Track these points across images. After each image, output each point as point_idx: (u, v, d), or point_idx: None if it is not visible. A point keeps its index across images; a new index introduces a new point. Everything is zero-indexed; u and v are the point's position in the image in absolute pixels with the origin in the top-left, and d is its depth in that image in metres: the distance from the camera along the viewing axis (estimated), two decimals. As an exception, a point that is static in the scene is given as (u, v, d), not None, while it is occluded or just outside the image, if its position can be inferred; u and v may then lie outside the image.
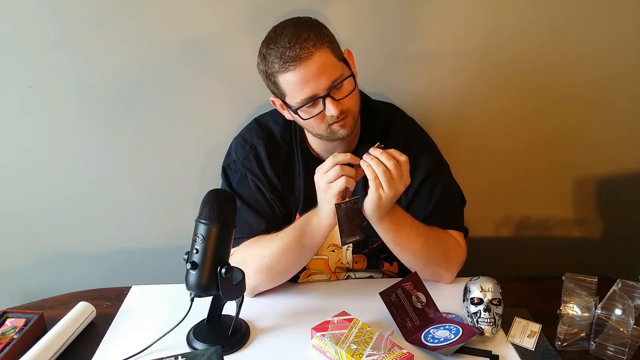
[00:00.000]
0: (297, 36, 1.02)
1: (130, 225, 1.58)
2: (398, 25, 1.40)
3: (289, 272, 1.18)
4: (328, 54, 1.04)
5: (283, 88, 1.06)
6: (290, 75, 1.03)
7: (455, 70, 1.46)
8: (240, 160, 1.23)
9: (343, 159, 1.02)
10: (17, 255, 1.59)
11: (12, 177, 1.50)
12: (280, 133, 1.23)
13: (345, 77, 1.06)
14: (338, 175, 1.00)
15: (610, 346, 1.02)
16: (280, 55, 1.02)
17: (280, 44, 1.03)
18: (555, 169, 1.58)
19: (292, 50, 1.01)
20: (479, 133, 1.53)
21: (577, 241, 1.67)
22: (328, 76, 1.03)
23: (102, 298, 1.23)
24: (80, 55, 1.38)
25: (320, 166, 1.04)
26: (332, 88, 1.04)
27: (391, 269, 1.31)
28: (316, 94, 1.04)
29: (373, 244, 1.25)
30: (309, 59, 1.01)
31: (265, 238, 1.16)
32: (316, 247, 1.14)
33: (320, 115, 1.07)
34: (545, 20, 1.41)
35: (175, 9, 1.35)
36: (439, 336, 1.05)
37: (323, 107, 1.05)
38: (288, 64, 1.02)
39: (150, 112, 1.46)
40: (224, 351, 0.99)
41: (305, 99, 1.05)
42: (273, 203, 1.22)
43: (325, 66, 1.03)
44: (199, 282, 0.99)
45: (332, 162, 1.02)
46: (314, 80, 1.02)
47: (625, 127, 1.53)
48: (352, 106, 1.09)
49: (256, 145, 1.22)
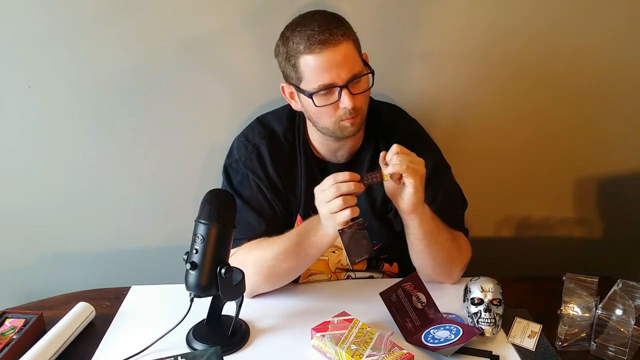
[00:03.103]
0: (327, 22, 1.04)
1: (130, 225, 1.58)
2: (399, 25, 1.39)
3: (289, 276, 1.18)
4: (353, 47, 1.06)
5: (302, 71, 1.06)
6: (315, 58, 1.03)
7: (456, 71, 1.45)
8: (242, 160, 1.22)
9: (342, 179, 1.00)
10: (17, 255, 1.59)
11: (11, 177, 1.50)
12: (283, 133, 1.23)
13: (365, 73, 1.07)
14: (341, 207, 0.99)
15: (610, 346, 1.02)
16: (309, 37, 1.03)
17: (309, 27, 1.04)
18: (555, 168, 1.58)
19: (321, 34, 1.03)
20: (479, 133, 1.53)
21: (578, 241, 1.66)
22: (350, 68, 1.04)
23: (102, 298, 1.23)
24: (80, 55, 1.38)
25: (320, 186, 1.02)
26: (351, 80, 1.05)
27: (391, 269, 1.31)
28: (335, 82, 1.04)
29: (374, 245, 1.24)
30: (335, 46, 1.02)
31: (267, 241, 1.16)
32: (318, 255, 1.14)
33: (334, 106, 1.07)
34: (546, 20, 1.41)
35: (175, 9, 1.35)
36: (439, 336, 1.05)
37: (338, 98, 1.06)
38: (315, 46, 1.03)
39: (150, 112, 1.46)
40: (224, 351, 0.99)
41: (324, 85, 1.05)
42: (274, 204, 1.22)
43: (349, 58, 1.04)
44: (198, 283, 0.99)
45: (331, 182, 1.00)
46: (336, 67, 1.03)
47: (626, 127, 1.53)
48: (363, 106, 1.10)
49: (259, 145, 1.22)
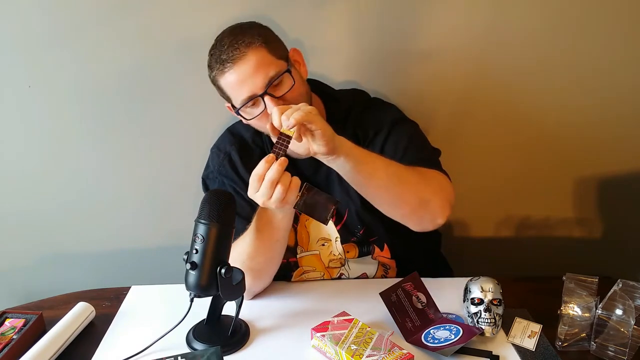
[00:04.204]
0: (230, 39, 1.05)
1: (130, 226, 1.58)
2: (399, 25, 1.39)
3: (269, 268, 1.18)
4: (263, 53, 1.05)
5: (226, 91, 1.09)
6: (228, 76, 1.06)
7: (456, 71, 1.45)
8: (216, 169, 1.24)
9: (262, 170, 0.94)
10: (17, 255, 1.59)
11: (11, 177, 1.50)
12: (251, 138, 1.25)
13: (283, 71, 1.06)
14: (281, 193, 0.94)
15: (610, 346, 1.02)
16: (217, 59, 1.06)
17: (218, 48, 1.07)
18: (555, 168, 1.58)
19: (226, 53, 1.05)
20: (479, 133, 1.53)
21: (578, 241, 1.66)
22: (264, 74, 1.04)
23: (102, 298, 1.23)
24: (80, 55, 1.38)
25: (250, 190, 0.98)
26: (268, 85, 1.05)
27: (383, 254, 1.29)
28: (254, 93, 1.05)
29: (359, 231, 1.24)
30: (241, 59, 1.04)
31: (238, 242, 1.14)
32: (287, 233, 1.12)
33: (264, 115, 1.07)
34: (546, 20, 1.41)
35: (175, 9, 1.35)
36: (439, 336, 1.05)
37: (264, 106, 1.06)
38: (223, 67, 1.05)
39: (149, 112, 1.46)
40: (224, 351, 0.99)
41: (245, 99, 1.06)
42: (253, 203, 1.20)
43: (260, 65, 1.04)
44: (198, 283, 0.99)
45: (255, 180, 0.95)
46: (249, 79, 1.04)
47: (626, 127, 1.53)
48: (294, 101, 1.05)
49: (229, 152, 1.24)
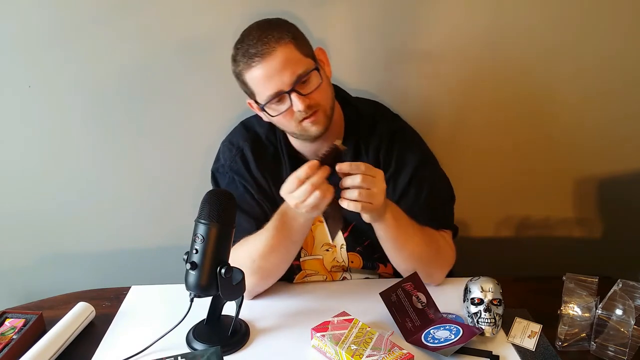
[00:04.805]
0: (259, 34, 1.04)
1: (130, 226, 1.58)
2: (399, 25, 1.39)
3: (279, 269, 1.18)
4: (291, 49, 1.04)
5: (251, 86, 1.08)
6: (255, 71, 1.04)
7: (456, 71, 1.45)
8: (227, 164, 1.23)
9: (304, 175, 0.98)
10: (17, 255, 1.59)
11: (11, 177, 1.50)
12: (265, 135, 1.23)
13: (311, 69, 1.06)
14: (318, 199, 0.97)
15: (610, 346, 1.02)
16: (245, 52, 1.05)
17: (245, 42, 1.05)
18: (555, 168, 1.58)
19: (254, 46, 1.03)
20: (479, 133, 1.53)
21: (578, 241, 1.66)
22: (292, 71, 1.03)
23: (102, 298, 1.23)
24: (80, 55, 1.38)
25: (286, 189, 1.01)
26: (296, 82, 1.04)
27: (386, 271, 1.30)
28: (281, 89, 1.04)
29: (364, 242, 1.24)
30: (270, 55, 1.02)
31: (249, 239, 1.15)
32: (304, 238, 1.15)
33: (289, 112, 1.07)
34: (547, 20, 1.40)
35: (175, 9, 1.35)
36: (439, 336, 1.05)
37: (290, 103, 1.05)
38: (251, 61, 1.04)
39: (150, 112, 1.46)
40: (224, 351, 0.99)
41: (271, 95, 1.05)
42: (262, 203, 1.21)
43: (289, 61, 1.03)
44: (198, 283, 0.99)
45: (293, 179, 0.99)
46: (277, 75, 1.03)
47: (626, 127, 1.53)
48: (321, 100, 1.07)
49: (242, 147, 1.22)
